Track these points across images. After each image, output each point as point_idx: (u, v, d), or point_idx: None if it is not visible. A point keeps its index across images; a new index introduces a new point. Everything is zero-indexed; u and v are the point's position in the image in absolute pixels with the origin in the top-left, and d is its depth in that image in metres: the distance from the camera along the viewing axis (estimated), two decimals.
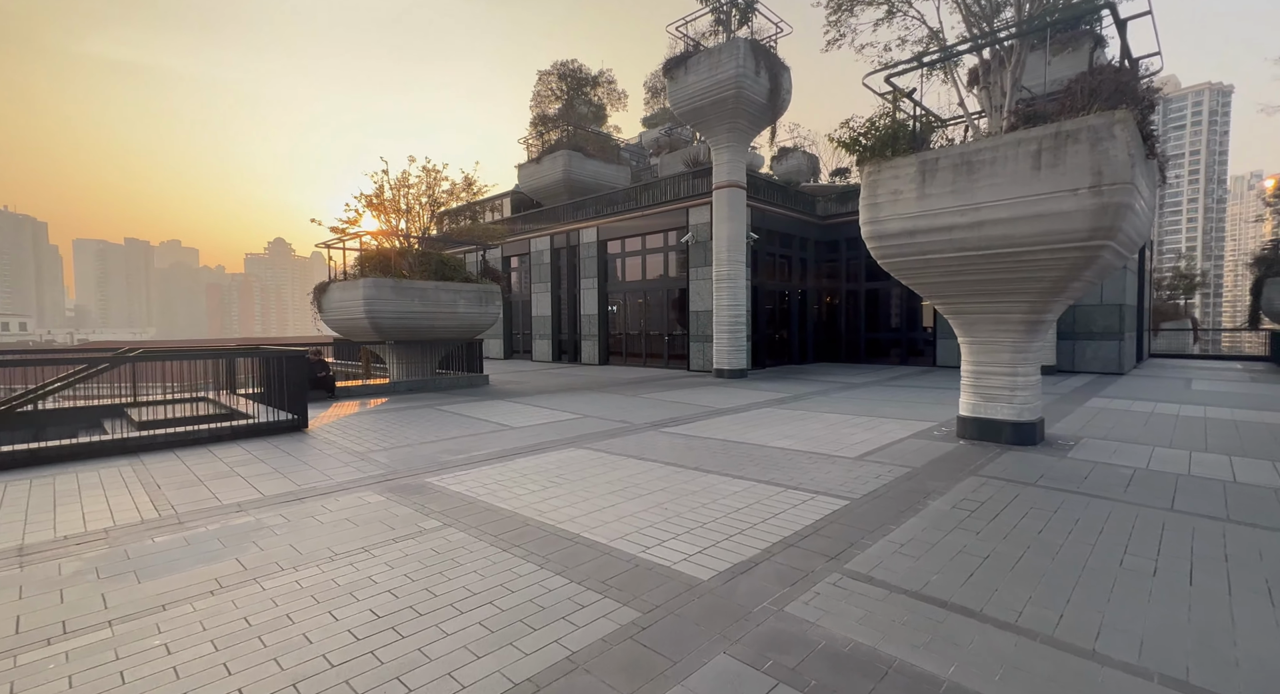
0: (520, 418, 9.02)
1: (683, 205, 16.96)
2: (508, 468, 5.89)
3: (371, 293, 12.43)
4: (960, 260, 6.24)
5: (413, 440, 7.29)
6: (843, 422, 8.40)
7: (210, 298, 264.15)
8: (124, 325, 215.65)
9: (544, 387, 13.63)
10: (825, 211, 20.05)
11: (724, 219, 14.67)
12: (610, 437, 7.56)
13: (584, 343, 20.30)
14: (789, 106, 14.75)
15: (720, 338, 14.98)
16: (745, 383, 13.85)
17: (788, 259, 19.03)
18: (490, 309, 14.46)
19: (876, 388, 12.67)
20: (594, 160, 21.68)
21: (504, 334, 23.74)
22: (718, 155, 14.71)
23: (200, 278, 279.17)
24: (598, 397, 11.57)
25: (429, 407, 10.17)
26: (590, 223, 19.81)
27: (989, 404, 6.74)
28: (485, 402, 10.88)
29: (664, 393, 12.12)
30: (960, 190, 6.06)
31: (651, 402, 10.79)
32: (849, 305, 19.84)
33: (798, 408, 9.83)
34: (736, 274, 14.79)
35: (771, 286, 18.22)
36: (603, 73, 22.32)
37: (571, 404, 10.51)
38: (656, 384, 13.77)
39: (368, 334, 13.25)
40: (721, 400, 10.89)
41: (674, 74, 14.38)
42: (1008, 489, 4.87)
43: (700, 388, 12.92)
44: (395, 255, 13.60)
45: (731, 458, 6.21)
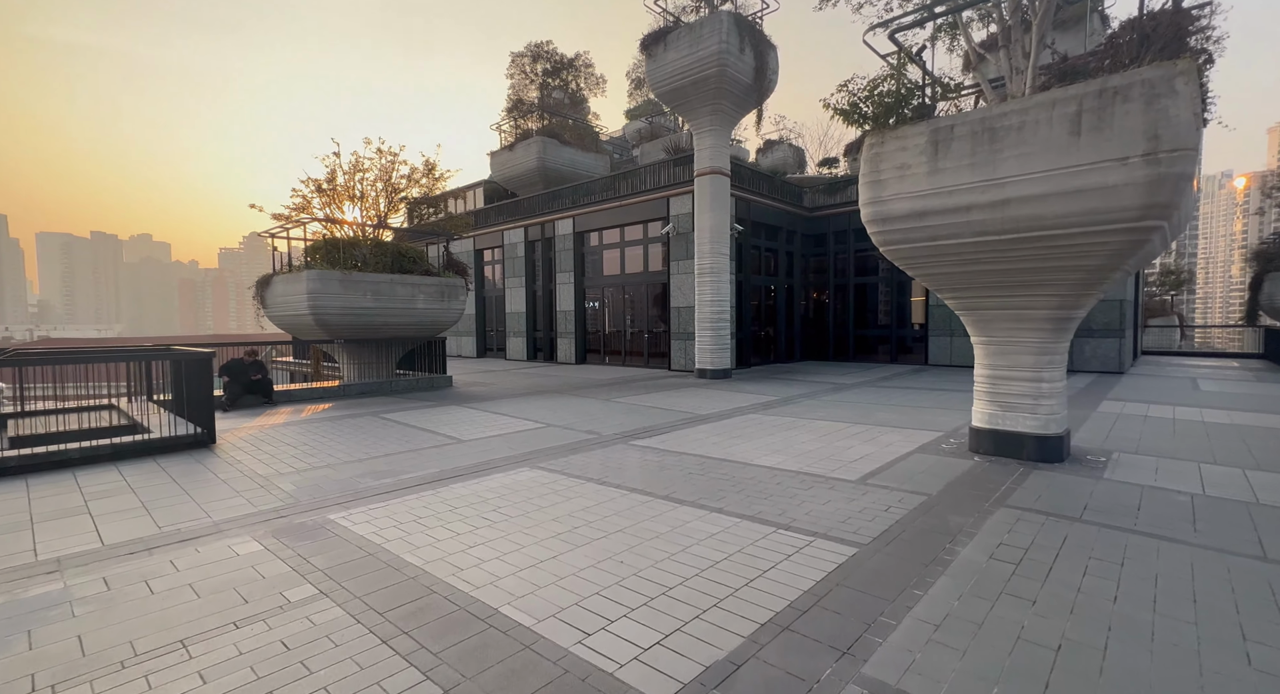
0: (474, 428, 7.95)
1: (663, 194, 15.93)
2: (437, 497, 4.83)
3: (316, 286, 11.24)
4: (978, 246, 5.30)
5: (336, 459, 6.19)
6: (836, 431, 7.45)
7: (182, 293, 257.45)
8: (90, 322, 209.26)
9: (511, 389, 12.54)
10: (813, 203, 19.16)
11: (706, 208, 13.67)
12: (572, 452, 6.53)
13: (560, 341, 19.21)
14: (775, 89, 13.78)
15: (703, 336, 14.00)
16: (729, 384, 12.89)
17: (774, 252, 18.11)
18: (453, 305, 13.32)
19: (869, 389, 11.78)
20: (570, 148, 20.54)
21: (477, 332, 22.55)
22: (700, 140, 13.70)
23: (172, 273, 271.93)
24: (568, 401, 10.53)
25: (374, 414, 9.05)
26: (566, 214, 18.70)
27: (1008, 414, 5.83)
28: (441, 408, 9.78)
29: (641, 396, 11.11)
30: (980, 163, 5.11)
31: (626, 407, 9.78)
32: (837, 301, 19.00)
33: (786, 414, 8.88)
34: (720, 267, 13.81)
35: (757, 281, 17.29)
36: (579, 56, 21.19)
37: (536, 410, 9.45)
38: (634, 386, 12.76)
39: (314, 332, 12.05)
40: (703, 405, 9.91)
41: (652, 51, 13.32)
42: (1051, 527, 3.94)
43: (681, 390, 11.93)
44: (345, 245, 12.40)
45: (710, 482, 5.22)
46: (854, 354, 18.62)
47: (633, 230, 17.31)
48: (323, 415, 9.02)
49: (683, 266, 15.49)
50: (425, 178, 13.64)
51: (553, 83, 20.93)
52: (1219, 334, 54.14)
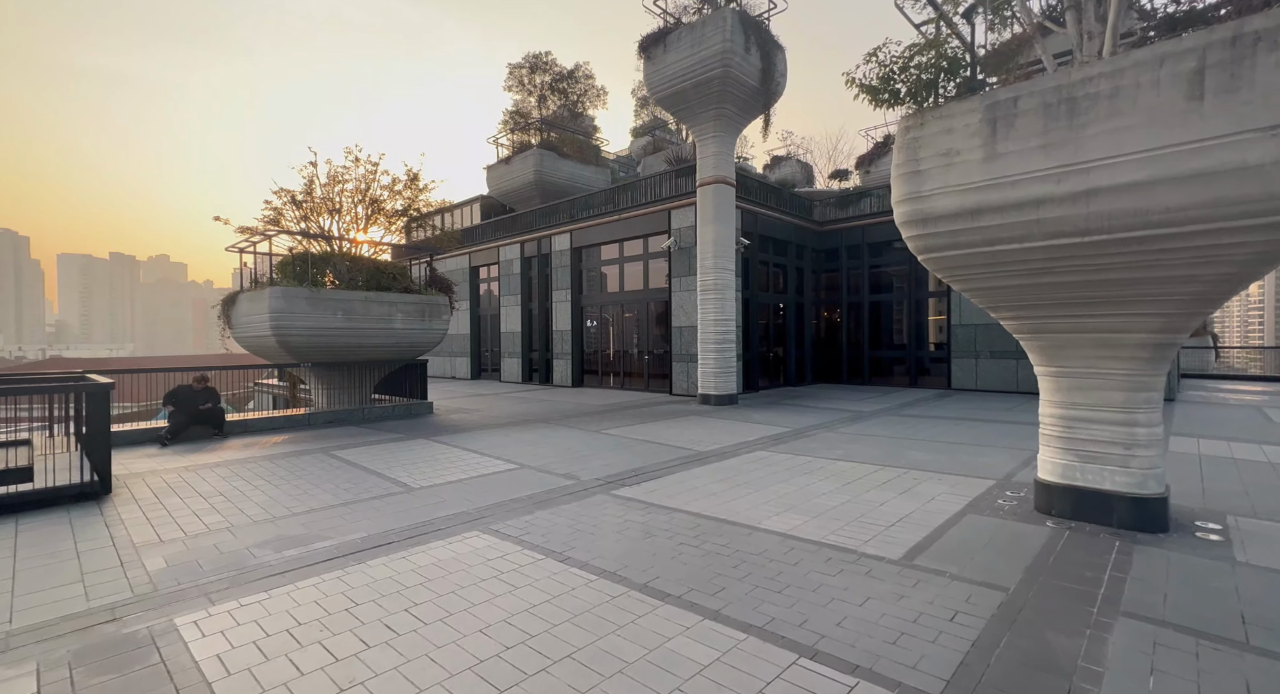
0: (434, 470, 6.74)
1: (664, 207, 14.86)
2: (342, 584, 3.61)
3: (279, 304, 10.17)
4: (1052, 252, 4.09)
5: (246, 517, 4.99)
6: (862, 477, 6.17)
7: (196, 313, 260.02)
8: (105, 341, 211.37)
9: (495, 417, 11.34)
10: (824, 217, 18.03)
11: (710, 220, 12.56)
12: (540, 505, 5.30)
13: (556, 362, 18.04)
14: (783, 94, 12.75)
15: (706, 357, 12.78)
16: (735, 411, 11.62)
17: (782, 268, 16.94)
18: (435, 325, 12.22)
19: (891, 419, 10.47)
20: (569, 161, 19.62)
21: (472, 352, 21.46)
22: (703, 147, 12.65)
23: (187, 292, 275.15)
24: (553, 433, 9.30)
25: (325, 452, 7.86)
26: (563, 228, 17.68)
27: (1090, 467, 4.54)
28: (407, 442, 8.58)
29: (636, 426, 9.87)
30: (1055, 144, 3.92)
31: (616, 441, 8.54)
32: (851, 320, 17.74)
33: (799, 451, 7.60)
34: (725, 284, 12.64)
35: (765, 299, 16.10)
36: (579, 67, 20.39)
37: (514, 446, 8.24)
38: (630, 413, 11.52)
39: (279, 355, 10.96)
40: (704, 438, 8.65)
41: (651, 53, 12.36)
42: (1216, 664, 2.65)
43: (681, 419, 10.68)
44: (317, 260, 11.36)
45: (706, 559, 3.97)
46: (870, 377, 17.29)
47: (632, 245, 16.23)
48: (266, 452, 7.84)
49: (685, 283, 14.35)
50: (408, 188, 12.67)
51: (551, 95, 20.12)
52: (1238, 355, 52.05)
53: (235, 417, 10.03)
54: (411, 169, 12.51)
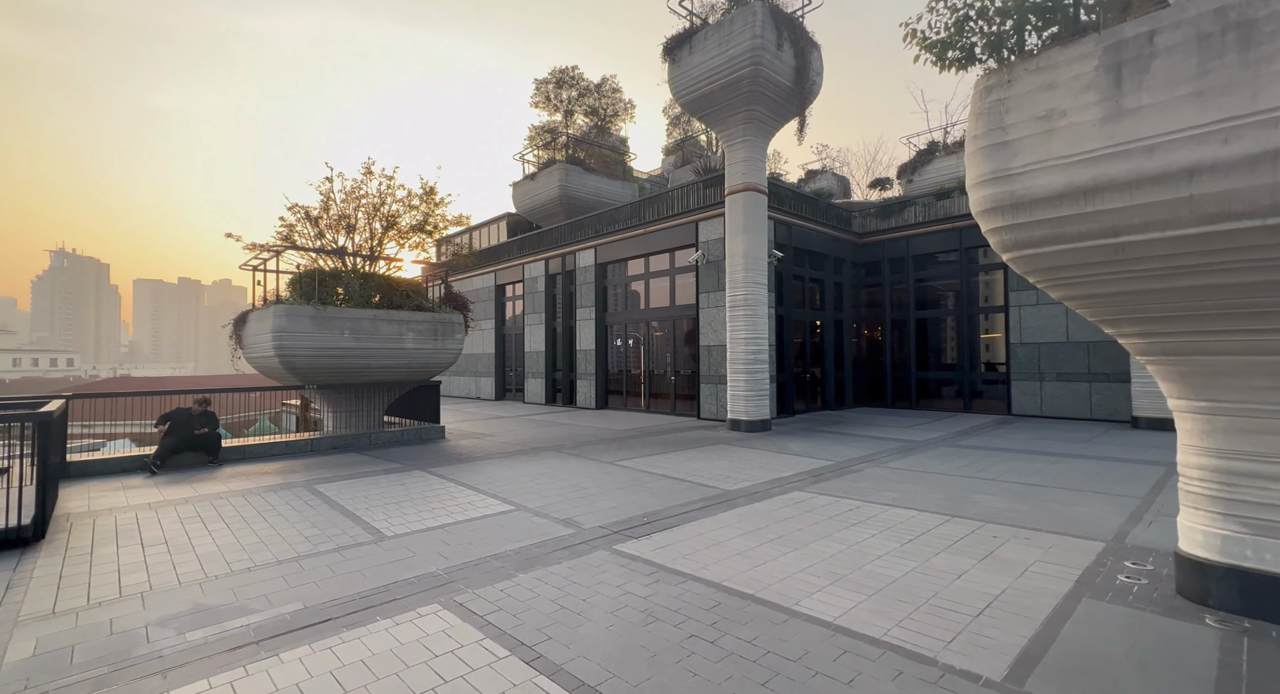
0: (417, 513, 5.80)
1: (691, 219, 13.89)
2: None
3: (282, 323, 9.56)
4: (1211, 242, 2.89)
5: (174, 577, 4.13)
6: (927, 531, 4.93)
7: None
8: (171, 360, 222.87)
9: (506, 444, 10.41)
10: (863, 229, 16.73)
11: (740, 231, 11.50)
12: (525, 566, 4.27)
13: (579, 383, 17.12)
14: (819, 94, 11.69)
15: (736, 379, 11.62)
16: (768, 440, 10.39)
17: (819, 283, 15.68)
18: (448, 345, 11.46)
19: (950, 451, 9.08)
20: (596, 175, 18.93)
21: (496, 372, 20.77)
22: (732, 153, 11.66)
23: None
24: (563, 464, 8.30)
25: (309, 485, 7.03)
26: (588, 244, 16.89)
27: (1270, 544, 3.24)
28: (402, 475, 7.70)
29: (657, 457, 8.77)
30: (1218, 89, 2.76)
31: (631, 476, 7.46)
32: (895, 338, 16.26)
33: (845, 492, 6.37)
34: (756, 299, 11.51)
35: (800, 316, 14.85)
36: (606, 80, 19.79)
37: (516, 481, 7.25)
38: (652, 441, 10.43)
39: (285, 376, 10.35)
40: (731, 474, 7.49)
41: (676, 55, 11.52)
42: None
43: (707, 448, 9.53)
44: (328, 277, 10.78)
45: (723, 668, 2.85)
46: (917, 400, 15.73)
47: (658, 260, 15.28)
48: (248, 485, 7.07)
49: (713, 299, 13.27)
50: (424, 202, 12.07)
51: (578, 110, 19.56)
52: None
53: (233, 442, 9.39)
54: (427, 182, 11.92)
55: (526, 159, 19.91)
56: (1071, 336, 12.71)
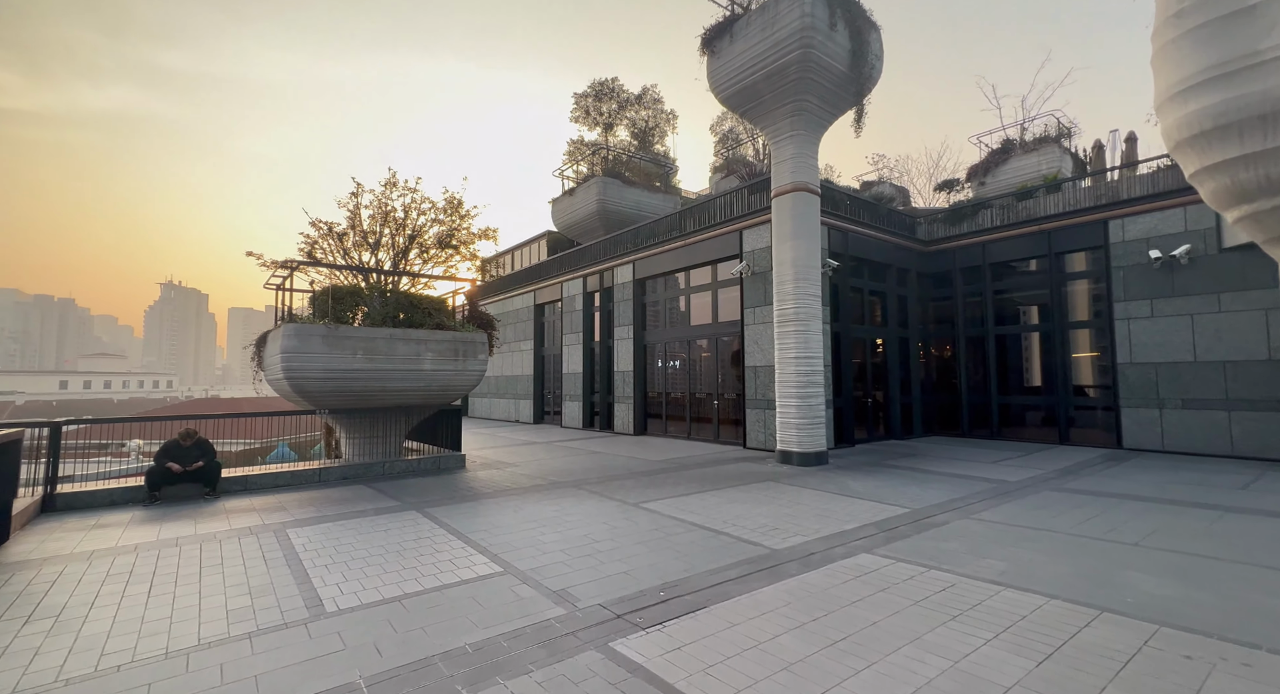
0: (381, 575, 4.64)
1: (735, 227, 12.54)
2: None
3: (292, 343, 8.82)
4: None
5: (11, 685, 3.08)
6: (1069, 637, 3.29)
7: None
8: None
9: (526, 477, 9.23)
10: (930, 236, 14.85)
11: (788, 236, 10.05)
12: (479, 679, 2.98)
13: (617, 406, 15.86)
14: (879, 81, 10.20)
15: (786, 404, 10.04)
16: (826, 476, 8.75)
17: (880, 296, 13.90)
18: (470, 366, 10.48)
19: (1058, 496, 7.18)
20: (635, 188, 17.91)
21: (534, 395, 19.83)
22: (779, 150, 10.29)
23: None
24: (580, 505, 7.00)
25: (281, 529, 6.02)
26: (626, 259, 15.79)
27: None
28: (392, 517, 6.61)
29: (691, 497, 7.34)
30: None
31: (656, 524, 6.07)
32: (971, 358, 14.17)
33: (932, 560, 4.75)
34: (809, 313, 9.97)
35: (859, 333, 13.11)
36: (647, 90, 18.87)
37: (519, 528, 6.01)
38: (689, 475, 8.99)
39: (298, 399, 9.62)
40: (779, 524, 5.97)
41: (715, 46, 10.34)
42: None
43: (753, 486, 8.00)
44: (346, 294, 10.07)
45: None
46: (999, 428, 13.53)
47: (700, 274, 13.95)
48: (215, 528, 6.13)
49: (760, 314, 11.79)
50: (450, 215, 11.29)
51: (619, 122, 18.71)
52: None
53: (238, 472, 8.61)
54: (453, 195, 11.14)
55: (565, 175, 19.18)
56: (1201, 355, 10.40)
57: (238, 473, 8.47)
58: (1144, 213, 11.16)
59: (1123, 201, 11.45)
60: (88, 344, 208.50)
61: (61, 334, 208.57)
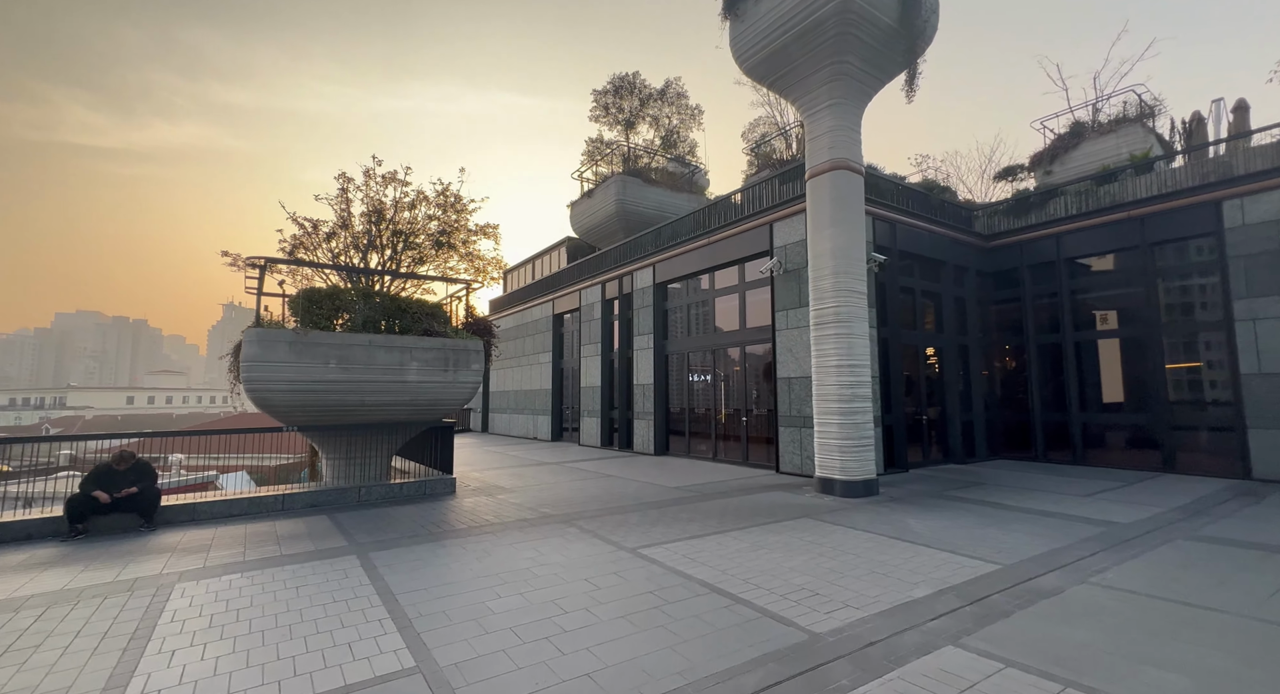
0: (235, 669, 3.23)
1: (765, 220, 10.97)
2: None
3: (254, 351, 7.70)
4: None
5: None
6: None
7: None
8: None
9: (516, 509, 7.79)
10: (991, 229, 12.90)
11: (827, 223, 8.43)
12: None
13: (637, 423, 14.33)
14: (934, 37, 8.56)
15: (826, 421, 8.32)
16: (876, 512, 6.98)
17: (934, 298, 12.01)
18: (463, 377, 9.20)
19: (1198, 546, 5.26)
20: (657, 188, 16.54)
21: (553, 410, 18.48)
22: (814, 124, 8.73)
23: None
24: (561, 552, 5.49)
25: (165, 587, 4.74)
26: (645, 262, 14.38)
27: None
28: (324, 566, 5.25)
29: (707, 539, 5.73)
30: None
31: (654, 582, 4.49)
32: (1043, 368, 12.07)
33: (1061, 664, 3.02)
34: (851, 313, 8.28)
35: (910, 339, 11.26)
36: (670, 84, 17.51)
37: (469, 588, 4.54)
38: (710, 507, 7.37)
39: (274, 414, 8.49)
40: (820, 586, 4.31)
41: (738, 8, 8.90)
42: None
43: (785, 524, 6.33)
44: (325, 296, 8.94)
45: None
46: (1082, 451, 11.34)
47: (725, 275, 12.39)
48: (95, 580, 4.89)
49: (794, 318, 10.13)
50: (445, 209, 10.11)
51: (641, 120, 17.43)
52: None
53: (185, 499, 7.46)
54: (447, 186, 9.97)
55: (584, 177, 17.99)
56: None
57: (185, 501, 7.30)
58: (1273, 190, 9.04)
59: (1241, 178, 9.35)
60: (157, 361, 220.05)
61: (135, 353, 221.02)
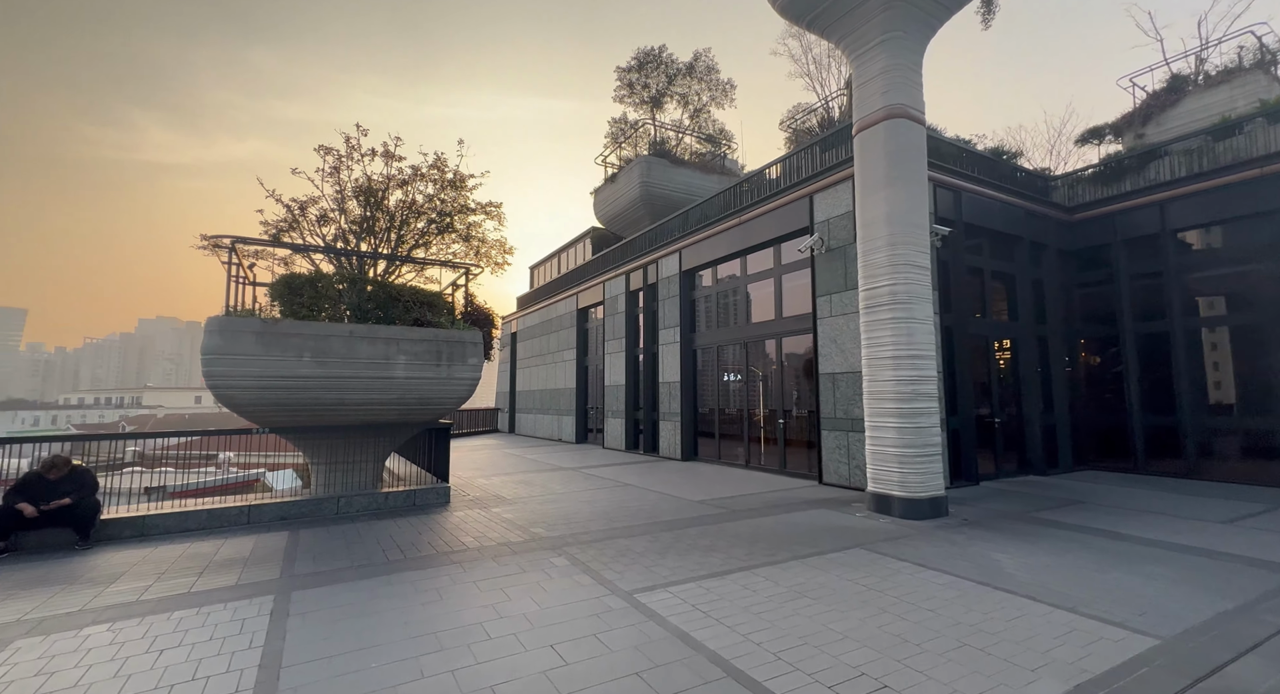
0: None
1: (804, 192, 9.41)
2: None
3: (215, 342, 6.73)
4: None
5: None
6: None
7: None
8: None
9: (505, 528, 6.55)
10: (1075, 199, 10.92)
11: (881, 183, 6.85)
12: None
13: (662, 425, 12.94)
14: None
15: (882, 425, 6.74)
16: (951, 542, 5.38)
17: (1007, 280, 10.16)
18: (458, 373, 8.06)
19: None
20: (685, 168, 15.10)
21: (577, 411, 17.28)
22: (864, 66, 7.15)
23: None
24: (534, 597, 4.18)
25: (48, 634, 3.66)
26: (671, 248, 12.99)
27: None
28: (232, 608, 4.11)
29: (730, 578, 4.32)
30: None
31: (646, 653, 3.12)
32: (1144, 362, 10.02)
33: None
34: (911, 292, 6.68)
35: (978, 328, 9.48)
36: (699, 56, 15.93)
37: (396, 654, 3.29)
38: (738, 530, 5.93)
39: (242, 414, 7.53)
40: (891, 670, 2.83)
41: None
42: None
43: (832, 559, 4.83)
44: (302, 283, 7.93)
45: None
46: (1196, 462, 9.27)
47: (759, 259, 10.86)
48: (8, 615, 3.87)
49: (839, 303, 8.55)
50: (442, 187, 9.00)
51: (668, 98, 16.00)
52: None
53: (134, 511, 6.53)
54: (439, 158, 8.86)
55: (607, 161, 16.70)
56: None
57: (133, 513, 6.37)
58: None
59: None
60: None
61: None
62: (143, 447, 29.57)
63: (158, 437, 8.22)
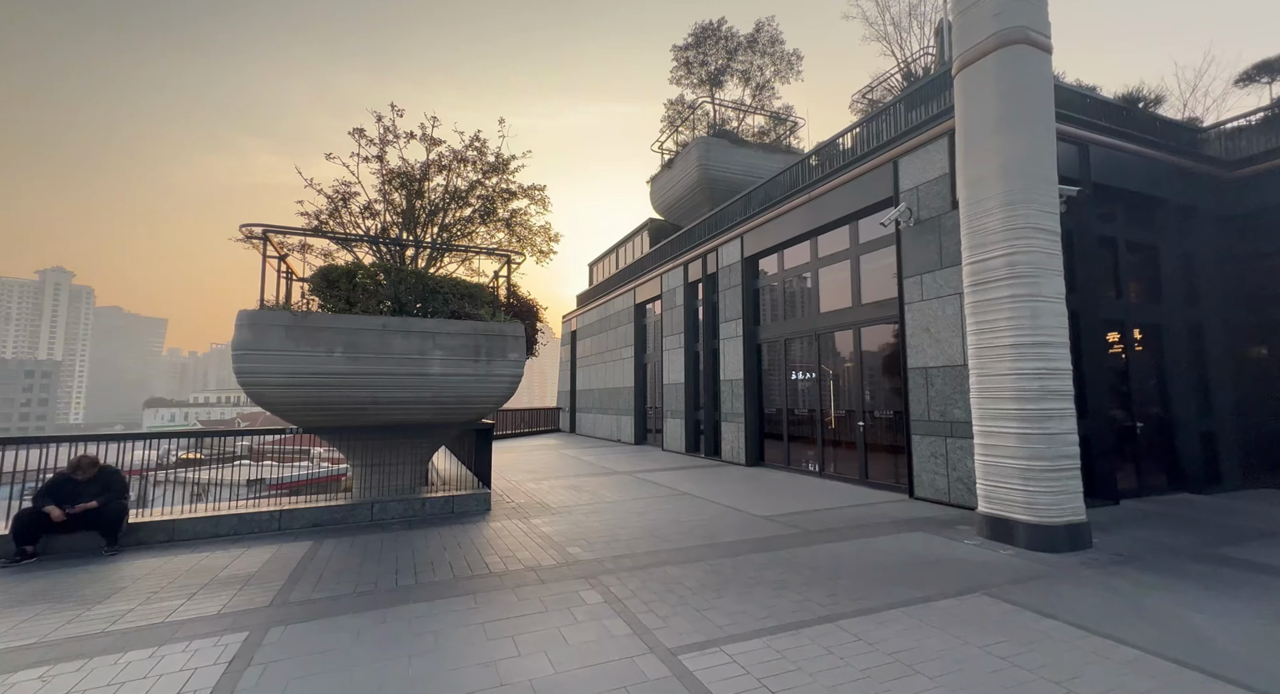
0: None
1: (886, 157, 7.99)
2: None
3: (245, 337, 6.36)
4: None
5: None
6: None
7: None
8: None
9: (540, 545, 5.71)
10: (1236, 153, 8.75)
11: (992, 129, 5.41)
12: None
13: (725, 426, 11.77)
14: None
15: (998, 430, 5.31)
16: (1106, 587, 3.93)
17: (1149, 252, 8.23)
18: (498, 370, 7.36)
19: None
20: (746, 148, 13.81)
21: (635, 410, 16.39)
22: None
23: None
24: (573, 637, 3.24)
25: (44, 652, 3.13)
26: (732, 234, 11.80)
27: None
28: (213, 644, 3.46)
29: (805, 635, 3.19)
30: None
31: None
32: None
33: None
34: (1035, 263, 5.21)
35: (1113, 313, 7.67)
36: (761, 27, 14.44)
37: None
38: (813, 560, 4.75)
39: (273, 411, 7.17)
40: None
41: None
42: None
43: (938, 610, 3.57)
44: (339, 275, 7.48)
45: None
46: None
47: (831, 240, 9.48)
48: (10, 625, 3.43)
49: (931, 285, 7.09)
50: (484, 172, 8.34)
51: (729, 75, 14.70)
52: None
53: (167, 515, 6.22)
54: (476, 139, 8.18)
55: (664, 146, 15.65)
56: None
57: (164, 517, 6.05)
58: None
59: None
60: None
61: None
62: (252, 442, 31.81)
63: (217, 435, 8.05)
